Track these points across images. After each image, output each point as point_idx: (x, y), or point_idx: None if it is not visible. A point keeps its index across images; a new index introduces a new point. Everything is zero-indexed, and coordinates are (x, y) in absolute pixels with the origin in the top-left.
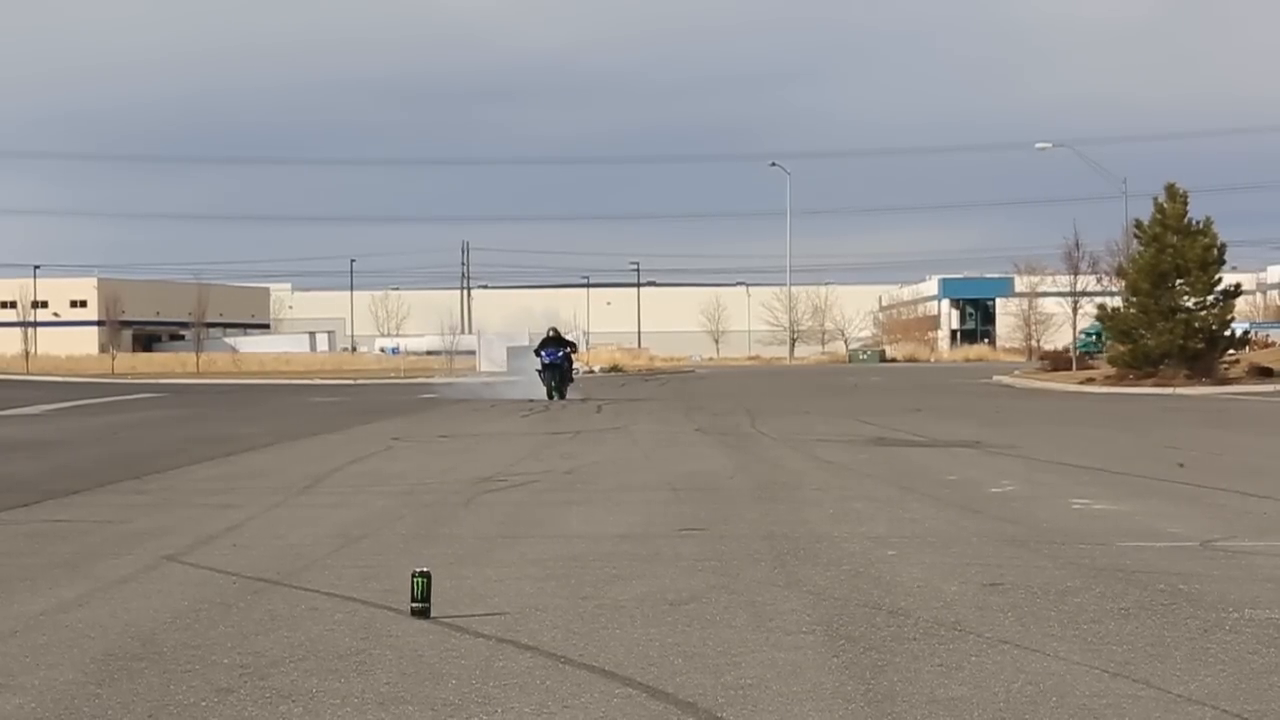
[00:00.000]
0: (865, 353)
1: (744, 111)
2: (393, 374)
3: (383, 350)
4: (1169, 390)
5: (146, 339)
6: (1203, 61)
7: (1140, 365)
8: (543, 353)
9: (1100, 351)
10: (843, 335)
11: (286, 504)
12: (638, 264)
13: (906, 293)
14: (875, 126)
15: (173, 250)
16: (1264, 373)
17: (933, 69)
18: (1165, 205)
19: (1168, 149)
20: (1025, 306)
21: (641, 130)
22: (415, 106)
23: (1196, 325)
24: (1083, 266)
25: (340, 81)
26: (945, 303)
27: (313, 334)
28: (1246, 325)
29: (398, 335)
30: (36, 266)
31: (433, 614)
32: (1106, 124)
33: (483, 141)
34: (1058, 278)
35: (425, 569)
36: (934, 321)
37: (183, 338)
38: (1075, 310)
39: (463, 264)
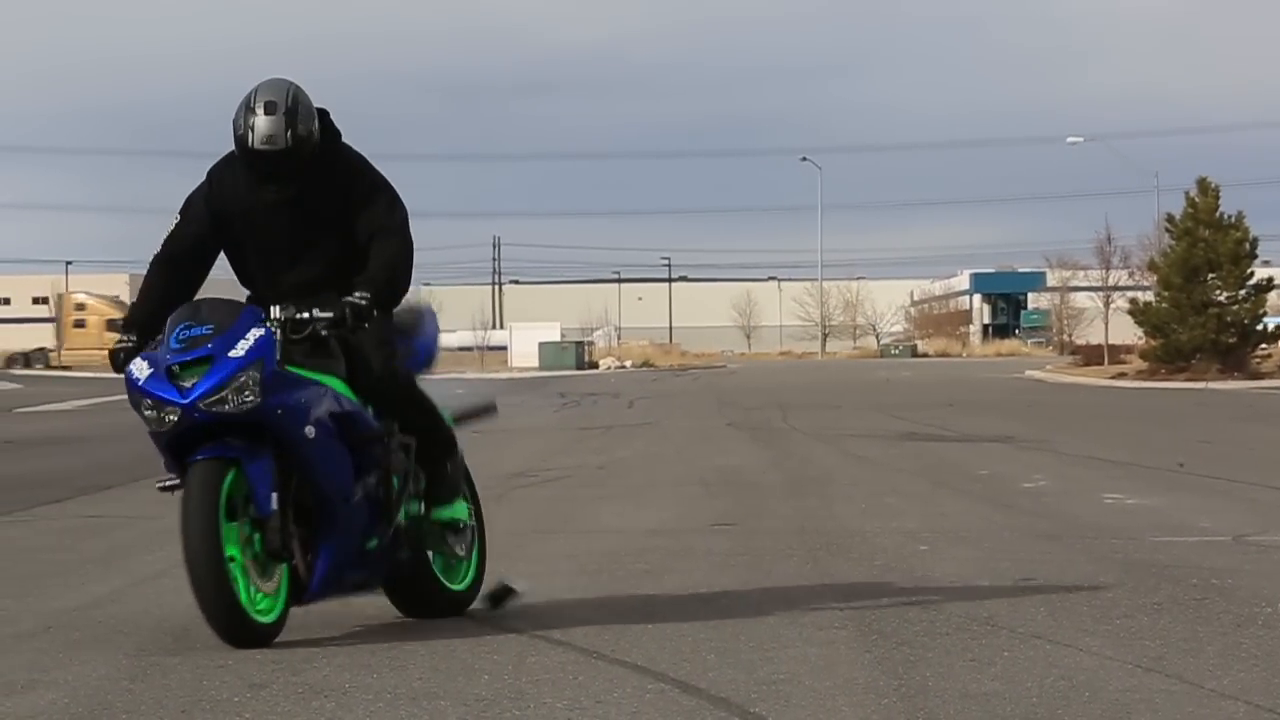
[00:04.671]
0: (897, 348)
1: (782, 106)
2: None
3: None
4: (1201, 385)
5: None
6: (1241, 53)
7: (1172, 360)
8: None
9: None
10: (874, 330)
11: None
12: (669, 259)
13: (938, 287)
14: (911, 120)
15: None
16: None
17: (971, 62)
18: (1197, 199)
19: (1201, 142)
20: (1057, 301)
21: (679, 125)
22: (454, 100)
23: (1228, 320)
24: (1114, 261)
25: (379, 75)
26: (977, 297)
27: None
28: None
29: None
30: (68, 263)
31: (466, 610)
32: (1141, 117)
33: (519, 137)
34: (1089, 272)
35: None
36: (966, 316)
37: None
38: (1107, 305)
39: (494, 259)
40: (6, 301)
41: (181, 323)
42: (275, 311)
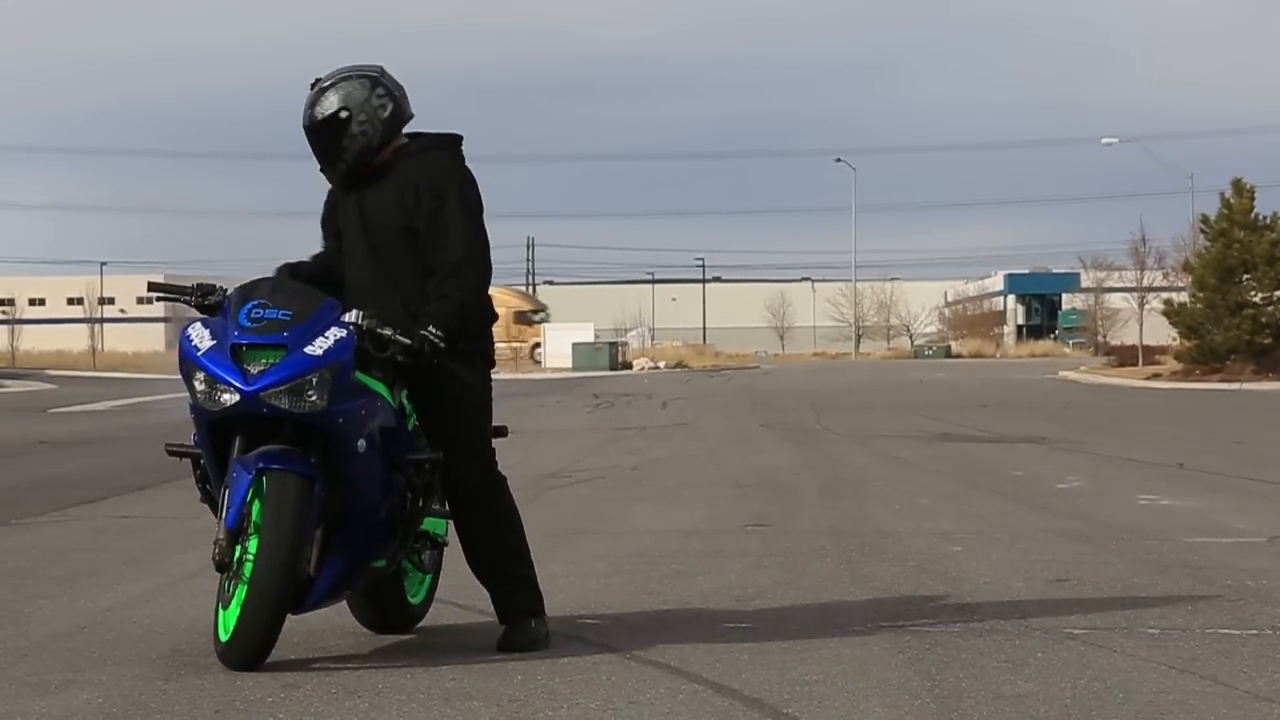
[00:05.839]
0: (931, 349)
1: (818, 106)
2: None
3: None
4: (1236, 386)
5: None
6: (1278, 53)
7: (1207, 361)
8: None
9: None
10: (908, 331)
11: None
12: (703, 260)
13: (972, 288)
14: (946, 121)
15: (241, 247)
16: None
17: (1008, 63)
18: (1232, 200)
19: (1237, 143)
20: (1091, 302)
21: (714, 126)
22: (491, 101)
23: (1264, 320)
24: (1149, 262)
25: (417, 75)
26: (1011, 298)
27: None
28: None
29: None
30: (103, 263)
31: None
32: (1177, 118)
33: (555, 137)
34: (1124, 273)
35: None
36: (1000, 317)
37: None
38: (1142, 306)
39: (528, 260)
40: (41, 302)
41: (254, 299)
42: (353, 315)
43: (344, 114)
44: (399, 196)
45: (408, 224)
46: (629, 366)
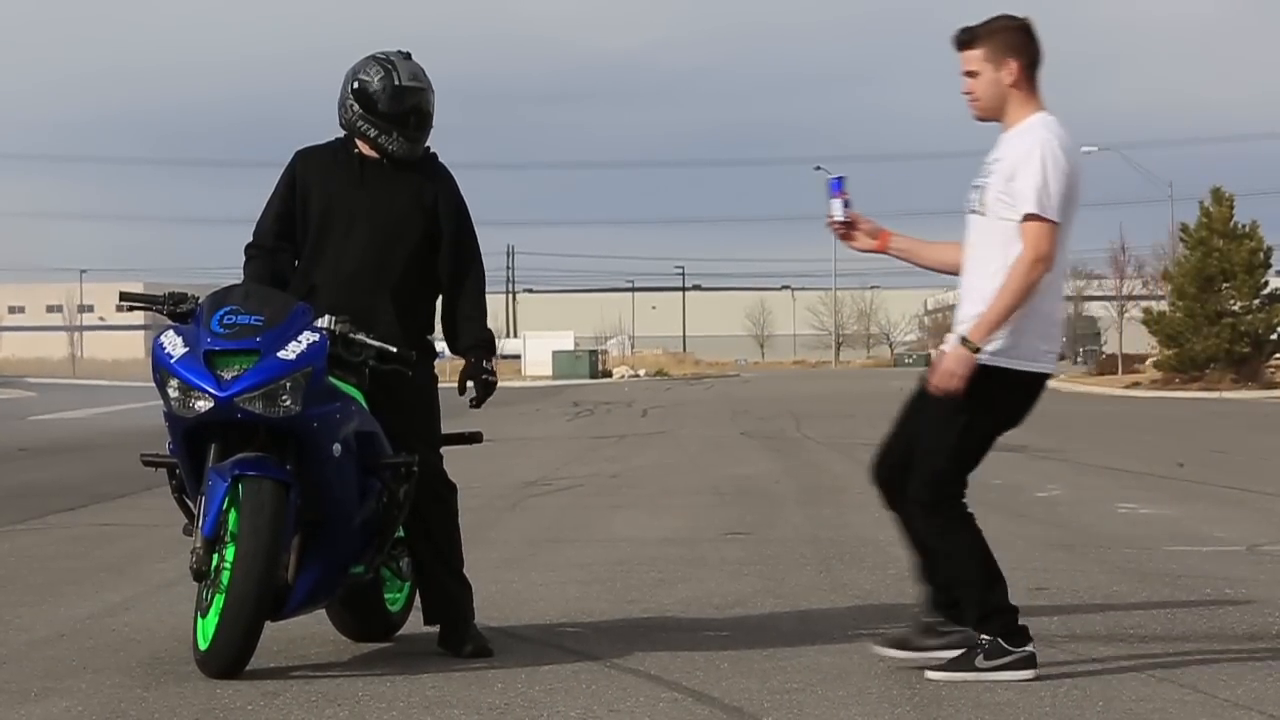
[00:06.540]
0: (911, 357)
1: (803, 114)
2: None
3: None
4: (1215, 394)
5: None
6: (1257, 62)
7: (1186, 369)
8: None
9: None
10: (888, 339)
11: None
12: (683, 268)
13: (952, 296)
14: (929, 128)
15: (223, 255)
16: None
17: None
18: (1211, 209)
19: (1216, 152)
20: (1071, 311)
21: (697, 134)
22: (476, 108)
23: (1243, 329)
24: (1129, 270)
25: None
26: None
27: None
28: None
29: (441, 339)
30: (83, 271)
31: (479, 619)
32: (1156, 127)
33: (536, 145)
34: (1103, 282)
35: None
36: None
37: None
38: (1121, 314)
39: (508, 268)
40: (20, 309)
41: (226, 306)
42: (325, 320)
43: (433, 94)
44: (418, 198)
45: (426, 227)
46: (609, 374)
